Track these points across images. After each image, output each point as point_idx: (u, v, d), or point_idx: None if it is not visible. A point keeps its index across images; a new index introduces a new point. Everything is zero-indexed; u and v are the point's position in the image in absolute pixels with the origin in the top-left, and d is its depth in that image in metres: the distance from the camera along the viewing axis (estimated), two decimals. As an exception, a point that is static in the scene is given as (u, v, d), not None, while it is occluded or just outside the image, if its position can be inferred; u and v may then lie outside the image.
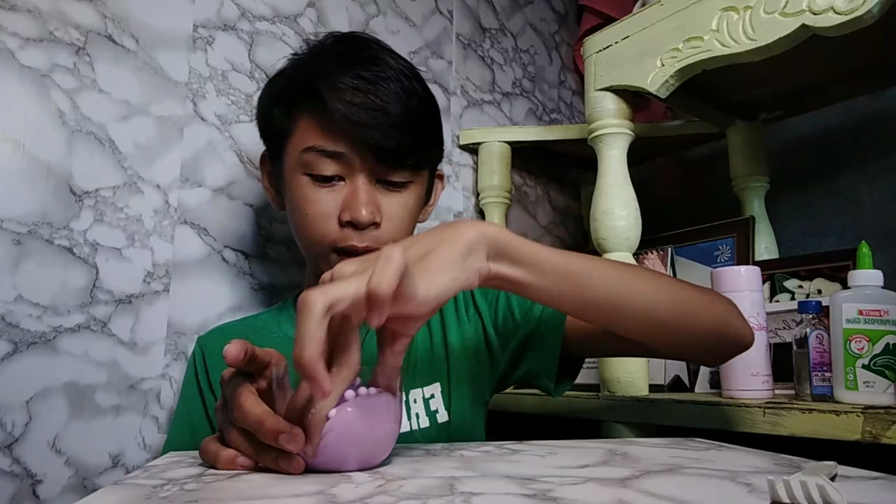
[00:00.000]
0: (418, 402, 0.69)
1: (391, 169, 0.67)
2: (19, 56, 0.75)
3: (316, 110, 0.66)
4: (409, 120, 0.66)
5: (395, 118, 0.64)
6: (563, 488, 0.33)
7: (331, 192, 0.67)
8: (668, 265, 1.00)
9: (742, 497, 0.31)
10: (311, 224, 0.67)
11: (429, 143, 0.71)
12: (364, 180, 0.66)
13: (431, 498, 0.31)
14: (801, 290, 0.97)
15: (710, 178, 1.30)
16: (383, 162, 0.66)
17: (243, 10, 0.95)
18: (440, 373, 0.71)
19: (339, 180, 0.67)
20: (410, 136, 0.66)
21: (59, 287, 0.75)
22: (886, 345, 0.66)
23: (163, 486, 0.34)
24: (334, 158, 0.65)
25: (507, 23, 1.39)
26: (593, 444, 0.49)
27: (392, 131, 0.64)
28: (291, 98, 0.69)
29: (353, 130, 0.64)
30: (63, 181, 0.77)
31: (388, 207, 0.68)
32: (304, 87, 0.66)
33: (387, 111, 0.64)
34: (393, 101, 0.65)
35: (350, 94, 0.63)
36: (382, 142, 0.64)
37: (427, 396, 0.69)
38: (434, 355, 0.72)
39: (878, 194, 1.10)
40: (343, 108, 0.63)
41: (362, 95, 0.64)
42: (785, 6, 0.71)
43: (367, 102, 0.64)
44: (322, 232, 0.67)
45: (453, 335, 0.73)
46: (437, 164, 0.76)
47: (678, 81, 0.85)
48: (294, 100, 0.68)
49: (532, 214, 1.37)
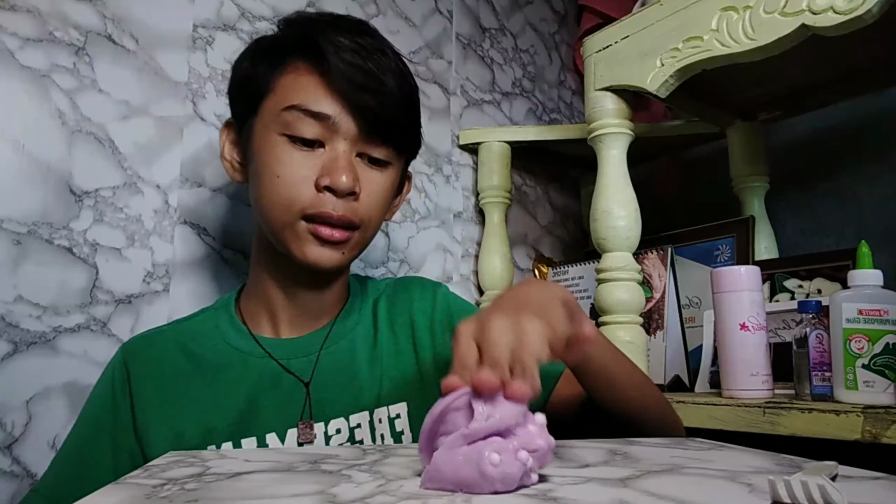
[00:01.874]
0: (383, 423, 0.65)
1: (376, 142, 0.64)
2: (19, 56, 0.75)
3: (307, 67, 0.62)
4: (402, 96, 0.64)
5: (389, 89, 0.62)
6: (563, 488, 0.33)
7: (308, 157, 0.62)
8: (668, 265, 1.00)
9: (743, 497, 0.31)
10: (282, 187, 0.61)
11: (414, 126, 0.69)
12: (346, 148, 0.63)
13: (431, 498, 0.31)
14: (801, 289, 0.97)
15: (710, 178, 1.30)
16: (370, 131, 0.63)
17: (243, 10, 0.95)
18: (407, 392, 0.68)
19: (319, 146, 0.63)
20: (401, 111, 0.64)
21: (59, 287, 0.75)
22: (886, 344, 0.66)
23: (163, 486, 0.34)
24: (318, 120, 0.61)
25: (507, 23, 1.38)
26: (593, 443, 0.49)
27: (385, 100, 0.62)
28: (283, 52, 0.64)
29: (348, 91, 0.61)
30: (63, 181, 0.77)
31: (368, 182, 0.64)
32: (301, 40, 0.63)
33: (382, 80, 0.62)
34: (388, 73, 0.63)
35: (349, 55, 0.61)
36: (377, 109, 0.62)
37: (392, 416, 0.66)
38: (403, 374, 0.69)
39: (878, 194, 1.10)
40: (342, 66, 0.60)
41: (361, 59, 0.61)
42: (785, 6, 0.71)
43: (366, 67, 0.61)
44: (294, 196, 0.61)
45: (426, 353, 0.70)
46: (412, 157, 0.73)
47: (678, 81, 0.85)
48: (285, 53, 0.64)
49: (532, 214, 1.37)
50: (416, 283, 0.77)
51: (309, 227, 0.62)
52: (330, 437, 0.63)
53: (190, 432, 0.61)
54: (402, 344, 0.71)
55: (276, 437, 0.62)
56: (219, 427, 0.62)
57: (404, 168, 0.72)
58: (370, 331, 0.71)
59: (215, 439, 0.61)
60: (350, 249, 0.65)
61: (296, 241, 0.63)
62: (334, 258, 0.64)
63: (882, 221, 1.08)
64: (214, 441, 0.61)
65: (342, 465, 0.41)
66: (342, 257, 0.65)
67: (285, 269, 0.67)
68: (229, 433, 0.62)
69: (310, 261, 0.63)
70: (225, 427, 0.62)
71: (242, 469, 0.39)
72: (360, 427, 0.65)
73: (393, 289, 0.76)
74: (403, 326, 0.72)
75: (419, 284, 0.76)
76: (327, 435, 0.63)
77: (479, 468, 0.32)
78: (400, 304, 0.74)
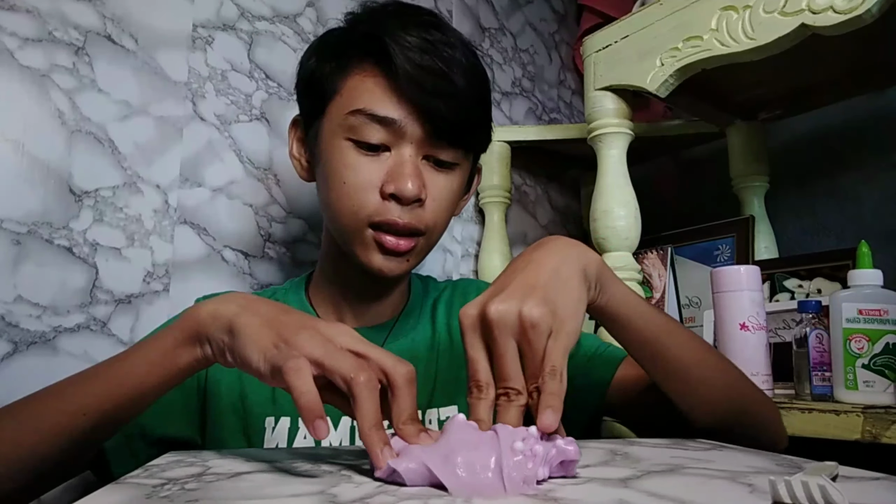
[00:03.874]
0: (433, 424, 0.66)
1: (444, 145, 0.62)
2: (19, 56, 0.75)
3: (373, 68, 0.61)
4: (472, 94, 0.62)
5: (459, 89, 0.60)
6: (563, 488, 0.33)
7: (374, 162, 0.61)
8: (668, 265, 1.00)
9: (743, 497, 0.31)
10: (349, 194, 0.61)
11: (485, 124, 0.67)
12: (412, 153, 0.61)
13: (432, 498, 0.31)
14: (801, 289, 0.97)
15: (710, 178, 1.30)
16: (438, 136, 0.61)
17: (243, 10, 0.95)
18: (459, 396, 0.67)
19: (385, 150, 0.61)
20: (471, 111, 0.62)
21: (58, 287, 0.75)
22: (886, 344, 0.66)
23: (163, 486, 0.34)
24: (384, 125, 0.60)
25: (507, 22, 1.38)
26: (594, 444, 0.49)
27: (454, 103, 0.60)
28: (348, 52, 0.63)
29: (415, 96, 0.59)
30: (63, 181, 0.77)
31: (434, 187, 0.62)
32: (367, 39, 0.61)
33: (452, 80, 0.59)
34: (458, 71, 0.60)
35: (416, 55, 0.58)
36: (445, 112, 0.59)
37: (442, 419, 0.66)
38: (457, 378, 0.68)
39: (878, 194, 1.10)
40: (409, 69, 0.58)
41: (429, 58, 0.58)
42: (784, 5, 0.71)
43: (434, 67, 0.58)
44: (360, 203, 0.60)
45: None
46: (483, 151, 0.71)
47: (678, 81, 0.85)
48: (351, 54, 0.62)
49: (532, 214, 1.37)
50: (473, 286, 0.78)
51: (375, 234, 0.62)
52: None
53: (254, 397, 0.62)
54: (457, 347, 0.70)
55: (331, 422, 0.62)
56: (280, 399, 0.62)
57: (473, 163, 0.71)
58: (429, 332, 0.72)
59: (276, 411, 0.62)
60: (415, 256, 0.65)
61: (362, 248, 0.63)
62: (400, 267, 0.64)
63: (882, 221, 1.08)
64: (275, 413, 0.62)
65: (342, 465, 0.41)
66: (407, 265, 0.65)
67: (351, 268, 0.67)
68: (290, 409, 0.62)
69: (374, 268, 0.63)
70: (285, 401, 0.62)
71: (242, 469, 0.39)
72: None
73: (452, 291, 0.77)
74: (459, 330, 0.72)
75: (476, 288, 0.77)
76: None
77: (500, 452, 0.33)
78: (458, 307, 0.73)
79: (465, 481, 0.32)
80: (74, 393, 0.47)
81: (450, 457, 0.34)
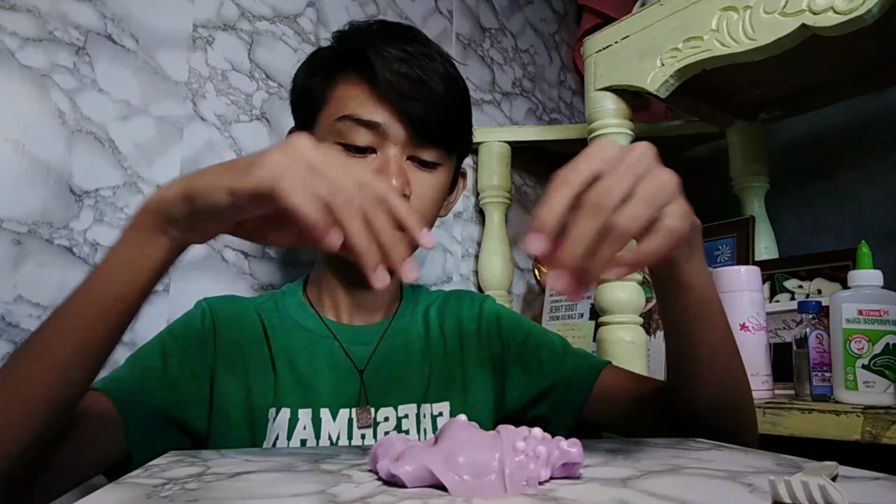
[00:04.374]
0: (427, 418, 0.69)
1: (426, 144, 0.67)
2: (19, 56, 0.75)
3: (357, 78, 0.66)
4: (450, 99, 0.67)
5: (437, 94, 0.65)
6: (563, 488, 0.33)
7: (361, 163, 0.66)
8: (668, 265, 1.00)
9: (743, 497, 0.31)
10: None
11: (464, 127, 0.72)
12: (396, 153, 0.66)
13: (432, 498, 0.31)
14: (801, 290, 0.97)
15: (710, 179, 1.30)
16: (419, 136, 0.66)
17: (243, 10, 0.95)
18: (452, 393, 0.71)
19: (371, 152, 0.66)
20: (449, 114, 0.67)
21: (59, 287, 0.75)
22: (886, 345, 0.66)
23: (164, 486, 0.34)
24: (370, 128, 0.65)
25: (507, 23, 1.39)
26: (594, 443, 0.49)
27: (433, 106, 0.65)
28: (334, 65, 0.69)
29: (396, 100, 0.64)
30: (63, 181, 0.77)
31: (418, 185, 0.67)
32: (350, 53, 0.67)
33: (430, 86, 0.65)
34: (436, 79, 0.65)
35: (396, 64, 0.64)
36: (424, 115, 0.65)
37: (435, 413, 0.69)
38: (450, 375, 0.72)
39: (878, 194, 1.10)
40: (389, 77, 0.63)
41: (408, 67, 0.64)
42: (785, 6, 0.71)
43: (413, 75, 0.64)
44: None
45: (471, 358, 0.73)
46: (465, 155, 0.76)
47: (678, 81, 0.85)
48: (337, 67, 0.68)
49: (532, 214, 1.37)
50: (465, 294, 0.82)
51: None
52: (378, 424, 0.67)
53: (258, 390, 0.65)
54: (450, 347, 0.74)
55: (330, 414, 0.65)
56: (282, 392, 0.65)
57: (457, 166, 0.75)
58: (422, 331, 0.75)
59: (278, 403, 0.65)
60: None
61: None
62: None
63: (882, 221, 1.08)
64: (276, 405, 0.64)
65: (342, 465, 0.41)
66: None
67: (344, 265, 0.70)
68: (291, 401, 0.65)
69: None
70: (286, 394, 0.65)
71: (242, 469, 0.39)
72: (407, 418, 0.68)
73: (444, 299, 0.80)
74: (453, 332, 0.75)
75: (468, 296, 0.81)
76: (376, 421, 0.67)
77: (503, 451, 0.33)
78: (450, 312, 0.77)
79: (467, 483, 0.32)
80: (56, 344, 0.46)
81: (451, 458, 0.34)
